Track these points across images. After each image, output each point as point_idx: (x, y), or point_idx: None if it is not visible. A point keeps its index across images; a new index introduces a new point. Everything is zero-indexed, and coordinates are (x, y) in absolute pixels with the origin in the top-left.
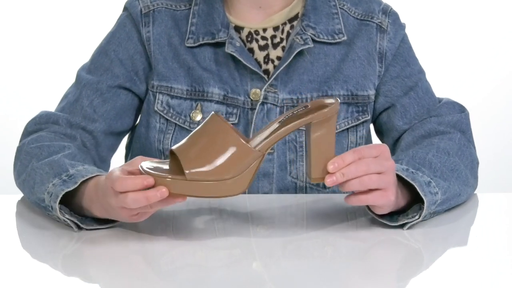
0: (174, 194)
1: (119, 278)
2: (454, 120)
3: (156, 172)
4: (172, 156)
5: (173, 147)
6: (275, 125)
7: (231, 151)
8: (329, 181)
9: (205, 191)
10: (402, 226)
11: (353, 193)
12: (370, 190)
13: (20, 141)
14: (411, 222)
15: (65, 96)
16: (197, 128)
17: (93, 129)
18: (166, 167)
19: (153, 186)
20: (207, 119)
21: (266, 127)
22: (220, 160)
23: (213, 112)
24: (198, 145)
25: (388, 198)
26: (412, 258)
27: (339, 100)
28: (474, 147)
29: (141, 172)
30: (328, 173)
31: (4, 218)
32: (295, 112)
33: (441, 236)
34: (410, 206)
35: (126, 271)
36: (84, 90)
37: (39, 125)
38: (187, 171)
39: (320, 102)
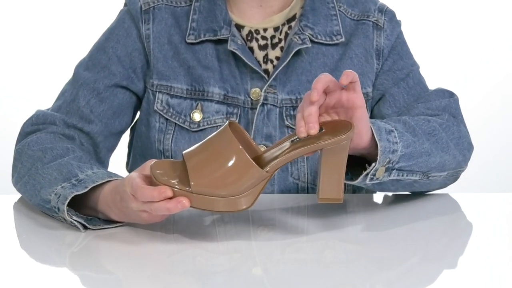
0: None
1: (118, 284)
2: (443, 104)
3: (166, 178)
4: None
5: (184, 152)
6: (286, 144)
7: (239, 170)
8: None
9: (212, 205)
10: (366, 179)
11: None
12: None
13: (18, 142)
14: (370, 171)
15: (62, 93)
16: (210, 136)
17: (89, 130)
18: (177, 170)
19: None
20: (220, 128)
21: (278, 143)
22: (227, 178)
23: (227, 122)
24: (207, 158)
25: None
26: (412, 260)
27: (354, 126)
28: (466, 129)
29: (153, 178)
30: (337, 194)
31: (4, 218)
32: None
33: (441, 236)
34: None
35: (125, 277)
36: (81, 89)
37: (36, 126)
38: (193, 184)
39: (334, 125)
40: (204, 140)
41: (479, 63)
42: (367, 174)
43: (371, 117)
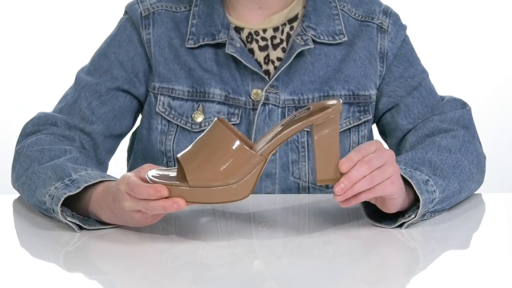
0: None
1: (120, 276)
2: (457, 116)
3: (162, 180)
4: (180, 164)
5: (178, 155)
6: (278, 129)
7: (233, 156)
8: (337, 189)
9: (210, 197)
10: (400, 226)
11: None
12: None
13: (18, 142)
14: (407, 221)
15: (64, 97)
16: (201, 135)
17: (91, 131)
18: (173, 175)
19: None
20: (210, 125)
21: (270, 131)
22: (222, 166)
23: (216, 118)
24: (201, 152)
25: (395, 185)
26: (413, 258)
27: (341, 101)
28: (479, 142)
29: (147, 181)
30: (335, 174)
31: (4, 218)
32: (297, 115)
33: (442, 236)
34: (411, 207)
35: (127, 269)
36: (83, 91)
37: (37, 127)
38: (189, 178)
39: (322, 104)
40: (196, 140)
41: (481, 63)
42: (403, 223)
43: (382, 123)
